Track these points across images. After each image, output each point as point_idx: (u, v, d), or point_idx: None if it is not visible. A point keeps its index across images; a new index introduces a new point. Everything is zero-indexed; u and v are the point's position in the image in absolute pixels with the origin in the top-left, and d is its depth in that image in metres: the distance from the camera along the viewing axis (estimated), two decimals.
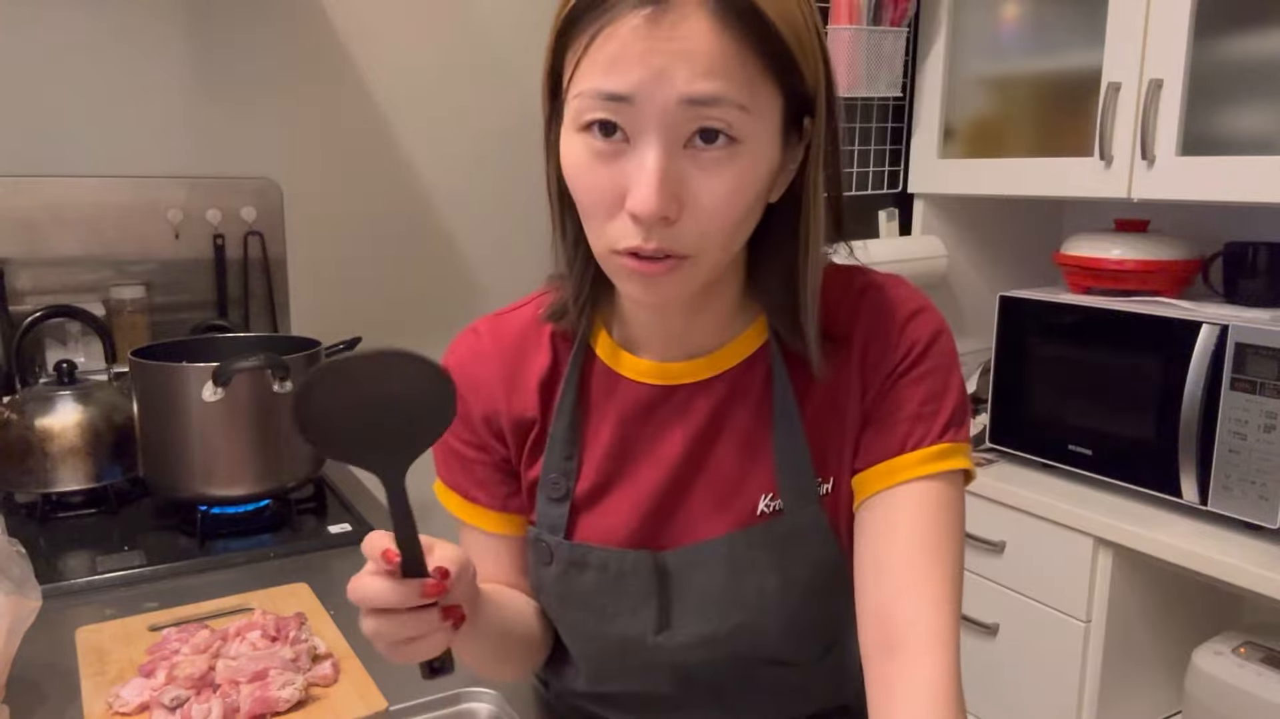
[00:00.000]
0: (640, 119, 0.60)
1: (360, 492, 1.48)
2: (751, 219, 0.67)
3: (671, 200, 0.61)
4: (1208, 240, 1.64)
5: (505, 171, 2.00)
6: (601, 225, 0.64)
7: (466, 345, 0.82)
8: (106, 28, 1.62)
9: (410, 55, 1.88)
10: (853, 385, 0.74)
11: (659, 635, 0.74)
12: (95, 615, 1.03)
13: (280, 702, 0.83)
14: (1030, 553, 1.55)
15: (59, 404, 1.31)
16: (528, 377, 0.78)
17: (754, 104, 0.61)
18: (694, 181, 0.62)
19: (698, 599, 0.74)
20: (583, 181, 0.64)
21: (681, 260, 0.64)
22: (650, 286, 0.65)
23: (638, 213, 0.61)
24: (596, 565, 0.75)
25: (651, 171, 0.60)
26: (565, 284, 0.76)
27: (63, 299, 1.54)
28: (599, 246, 0.66)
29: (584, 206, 0.66)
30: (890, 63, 1.84)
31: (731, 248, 0.67)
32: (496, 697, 0.88)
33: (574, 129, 0.64)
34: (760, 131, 0.63)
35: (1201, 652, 1.41)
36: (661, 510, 0.75)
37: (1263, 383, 1.32)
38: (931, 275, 1.90)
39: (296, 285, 1.80)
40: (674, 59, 0.59)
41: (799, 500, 0.74)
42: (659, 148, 0.60)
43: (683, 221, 0.62)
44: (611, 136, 0.62)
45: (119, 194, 1.61)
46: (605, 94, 0.60)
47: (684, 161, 0.61)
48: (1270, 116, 1.41)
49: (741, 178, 0.62)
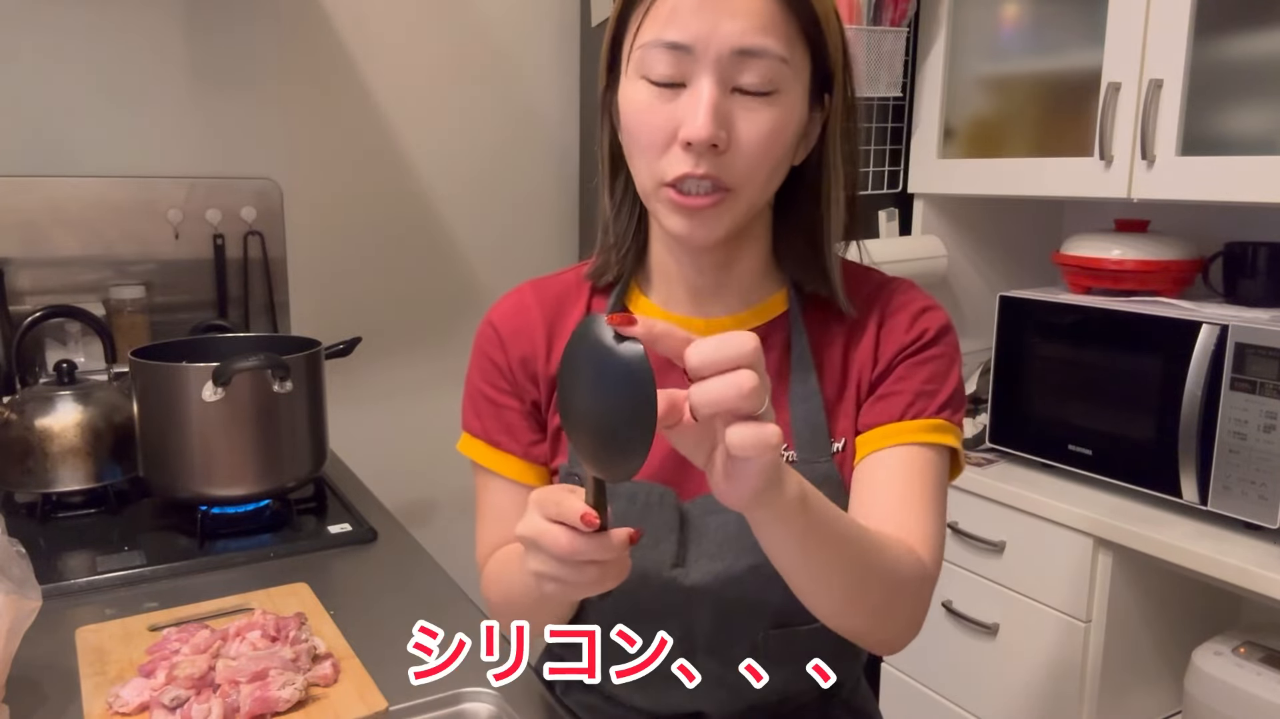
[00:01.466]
0: (697, 65, 0.70)
1: (360, 492, 1.48)
2: (782, 167, 0.76)
3: (720, 128, 0.69)
4: (1208, 240, 1.64)
5: (505, 171, 2.01)
6: (654, 160, 0.73)
7: (511, 299, 0.89)
8: (107, 28, 1.62)
9: (410, 55, 1.88)
10: (865, 359, 0.82)
11: (674, 569, 0.79)
12: (95, 615, 1.03)
13: (280, 702, 0.83)
14: (1030, 553, 1.55)
15: (59, 404, 1.31)
16: (565, 325, 0.86)
17: (792, 60, 0.71)
18: (740, 120, 0.71)
19: (714, 541, 0.79)
20: (641, 119, 0.73)
21: (725, 194, 0.72)
22: (693, 220, 0.73)
23: (692, 137, 0.69)
24: (626, 496, 0.79)
25: (705, 102, 0.69)
26: (609, 236, 0.84)
27: (63, 299, 1.54)
28: (649, 182, 0.74)
29: (641, 143, 0.74)
30: (890, 63, 1.84)
31: (766, 188, 0.75)
32: (496, 697, 0.88)
33: (635, 76, 0.73)
34: (795, 86, 0.72)
35: (1201, 652, 1.41)
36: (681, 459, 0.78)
37: (1263, 383, 1.32)
38: (931, 275, 1.90)
39: (296, 285, 1.80)
40: (727, 15, 0.69)
41: (814, 453, 0.80)
42: (712, 84, 0.70)
43: (730, 154, 0.71)
44: (668, 85, 0.71)
45: (119, 194, 1.61)
46: (667, 43, 0.70)
47: (732, 103, 0.71)
48: (1270, 116, 1.41)
49: (779, 120, 0.72)
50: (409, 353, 1.96)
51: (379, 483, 1.54)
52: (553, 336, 0.86)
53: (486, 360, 0.88)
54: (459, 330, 2.00)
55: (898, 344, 0.82)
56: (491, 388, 0.87)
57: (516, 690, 0.89)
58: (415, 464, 1.97)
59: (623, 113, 0.75)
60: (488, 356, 0.88)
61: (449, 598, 1.10)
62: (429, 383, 1.97)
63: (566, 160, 2.10)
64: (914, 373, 0.81)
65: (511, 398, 0.87)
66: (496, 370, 0.87)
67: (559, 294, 0.88)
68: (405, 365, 1.96)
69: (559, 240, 2.11)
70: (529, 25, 1.98)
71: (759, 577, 0.77)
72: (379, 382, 1.93)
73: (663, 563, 0.79)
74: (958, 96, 1.87)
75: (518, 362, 0.86)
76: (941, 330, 0.83)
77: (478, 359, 0.89)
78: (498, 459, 0.87)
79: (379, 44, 1.85)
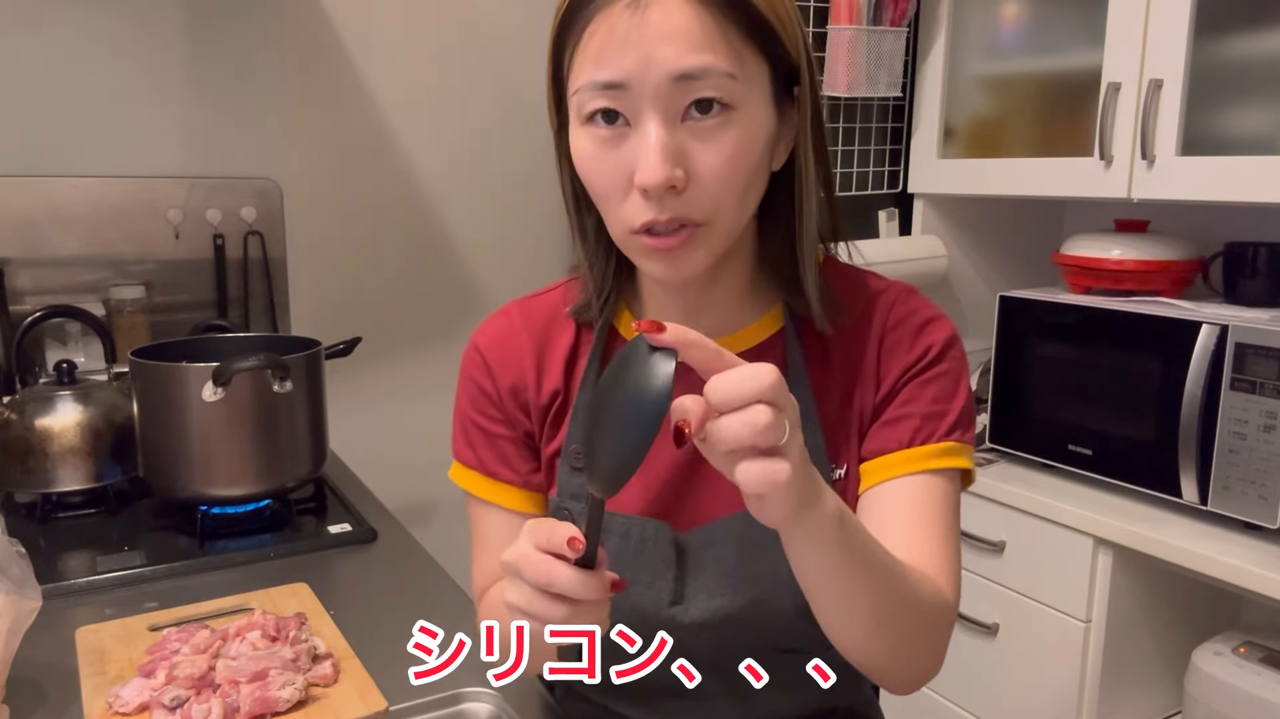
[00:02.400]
0: (637, 101, 0.64)
1: (360, 492, 1.48)
2: (757, 184, 0.70)
3: (675, 168, 0.64)
4: (1208, 240, 1.64)
5: (506, 171, 2.00)
6: (616, 208, 0.68)
7: (498, 324, 0.85)
8: (106, 28, 1.62)
9: (411, 55, 1.88)
10: (867, 379, 0.78)
11: (673, 608, 0.76)
12: (95, 615, 1.03)
13: (280, 702, 0.83)
14: (1030, 553, 1.56)
15: (59, 404, 1.31)
16: (554, 352, 0.82)
17: (741, 72, 0.65)
18: (695, 151, 0.65)
19: (713, 575, 0.76)
20: (593, 169, 0.68)
21: (696, 229, 0.67)
22: (669, 261, 0.69)
23: (646, 184, 0.64)
24: (619, 532, 0.77)
25: (653, 144, 0.64)
26: (588, 281, 0.80)
27: (63, 299, 1.54)
28: (618, 230, 0.70)
29: (598, 193, 0.70)
30: (890, 63, 1.84)
31: (741, 212, 0.70)
32: (496, 697, 0.88)
33: (579, 123, 0.69)
34: (752, 97, 0.66)
35: (1201, 651, 1.41)
36: (677, 486, 0.78)
37: (1262, 383, 1.32)
38: (931, 275, 1.90)
39: (296, 285, 1.80)
40: (659, 41, 0.63)
41: None
42: (657, 122, 0.64)
43: (690, 190, 0.66)
44: (614, 123, 0.66)
45: (119, 194, 1.61)
46: (601, 84, 0.65)
47: (684, 134, 0.65)
48: (1270, 116, 1.41)
49: (739, 141, 0.66)
50: (409, 353, 1.96)
51: (379, 483, 1.54)
52: (542, 364, 0.82)
53: (475, 388, 0.84)
54: (459, 330, 2.00)
55: (901, 364, 0.77)
56: (483, 417, 0.84)
57: (516, 690, 0.89)
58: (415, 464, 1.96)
59: (575, 161, 0.71)
60: (476, 384, 0.84)
61: (449, 598, 1.10)
62: (429, 383, 1.97)
63: None
64: (920, 394, 0.77)
65: (503, 426, 0.83)
66: (486, 399, 0.83)
67: (546, 317, 0.84)
68: (405, 365, 1.96)
69: (558, 239, 2.10)
70: (529, 25, 1.98)
71: (761, 611, 0.75)
72: (379, 382, 1.93)
73: (661, 602, 0.76)
74: (957, 96, 1.87)
75: (507, 390, 0.83)
76: (947, 344, 0.78)
77: (466, 386, 0.85)
78: (495, 490, 0.84)
79: (379, 44, 1.85)
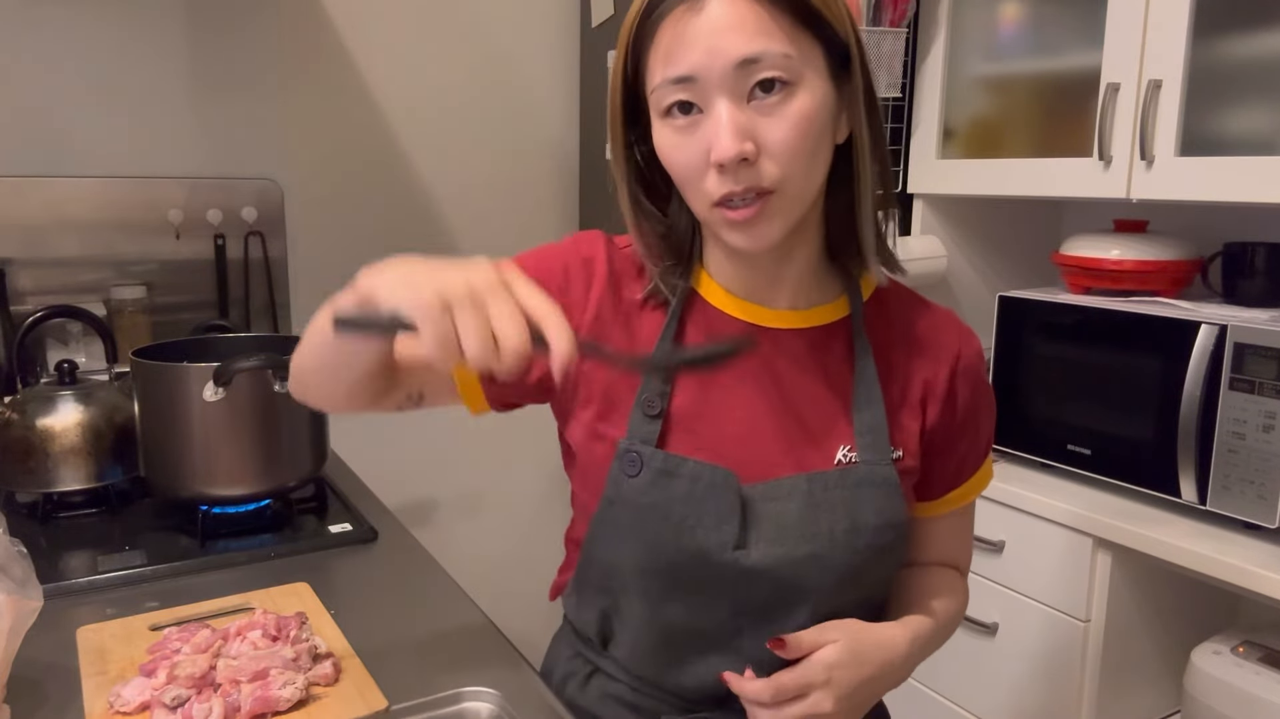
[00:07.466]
0: (706, 90, 0.72)
1: (360, 492, 1.48)
2: (821, 152, 0.76)
3: (745, 141, 0.71)
4: (1207, 240, 1.64)
5: (505, 171, 2.01)
6: (698, 187, 0.75)
7: (603, 240, 0.88)
8: (107, 29, 1.62)
9: (411, 55, 1.88)
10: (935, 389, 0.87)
11: (736, 551, 0.80)
12: (96, 615, 1.04)
13: (281, 701, 0.83)
14: (1029, 553, 1.56)
15: (60, 404, 1.32)
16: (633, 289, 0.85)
17: (797, 52, 0.72)
18: (762, 126, 0.72)
19: (774, 526, 0.80)
20: (675, 155, 0.76)
21: (768, 196, 0.74)
22: (747, 231, 0.75)
23: (720, 158, 0.71)
24: (688, 476, 0.80)
25: (724, 122, 0.71)
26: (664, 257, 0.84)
27: (64, 299, 1.54)
28: (701, 207, 0.77)
29: (681, 176, 0.76)
30: (890, 63, 1.84)
31: (809, 178, 0.76)
32: (497, 696, 0.88)
33: (659, 118, 0.76)
34: (809, 72, 0.73)
35: (1200, 651, 1.41)
36: (743, 445, 0.82)
37: (1261, 383, 1.32)
38: (931, 275, 1.90)
39: (296, 285, 1.80)
40: (719, 35, 0.71)
41: (876, 456, 0.83)
42: (727, 104, 0.72)
43: (761, 160, 0.73)
44: (689, 113, 0.74)
45: (119, 194, 1.62)
46: (673, 79, 0.73)
47: (750, 113, 0.72)
48: (1270, 116, 1.41)
49: (802, 111, 0.73)
50: None
51: (379, 483, 1.54)
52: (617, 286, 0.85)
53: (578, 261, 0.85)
54: None
55: (965, 400, 0.88)
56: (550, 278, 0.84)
57: (517, 690, 0.89)
58: (415, 464, 1.97)
59: (660, 153, 0.77)
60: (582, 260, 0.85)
61: (449, 598, 1.10)
62: None
63: (566, 160, 2.10)
64: (976, 428, 0.90)
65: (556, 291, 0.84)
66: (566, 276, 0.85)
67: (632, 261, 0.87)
68: None
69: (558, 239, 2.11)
70: (529, 25, 1.99)
71: (816, 564, 0.80)
72: None
73: (725, 544, 0.80)
74: (957, 97, 1.87)
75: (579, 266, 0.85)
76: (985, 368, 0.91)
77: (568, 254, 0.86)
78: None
79: (380, 44, 1.85)
